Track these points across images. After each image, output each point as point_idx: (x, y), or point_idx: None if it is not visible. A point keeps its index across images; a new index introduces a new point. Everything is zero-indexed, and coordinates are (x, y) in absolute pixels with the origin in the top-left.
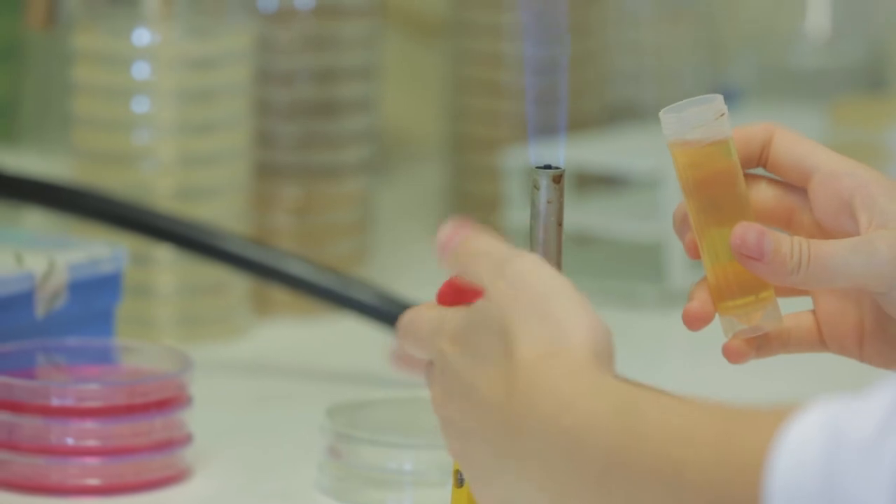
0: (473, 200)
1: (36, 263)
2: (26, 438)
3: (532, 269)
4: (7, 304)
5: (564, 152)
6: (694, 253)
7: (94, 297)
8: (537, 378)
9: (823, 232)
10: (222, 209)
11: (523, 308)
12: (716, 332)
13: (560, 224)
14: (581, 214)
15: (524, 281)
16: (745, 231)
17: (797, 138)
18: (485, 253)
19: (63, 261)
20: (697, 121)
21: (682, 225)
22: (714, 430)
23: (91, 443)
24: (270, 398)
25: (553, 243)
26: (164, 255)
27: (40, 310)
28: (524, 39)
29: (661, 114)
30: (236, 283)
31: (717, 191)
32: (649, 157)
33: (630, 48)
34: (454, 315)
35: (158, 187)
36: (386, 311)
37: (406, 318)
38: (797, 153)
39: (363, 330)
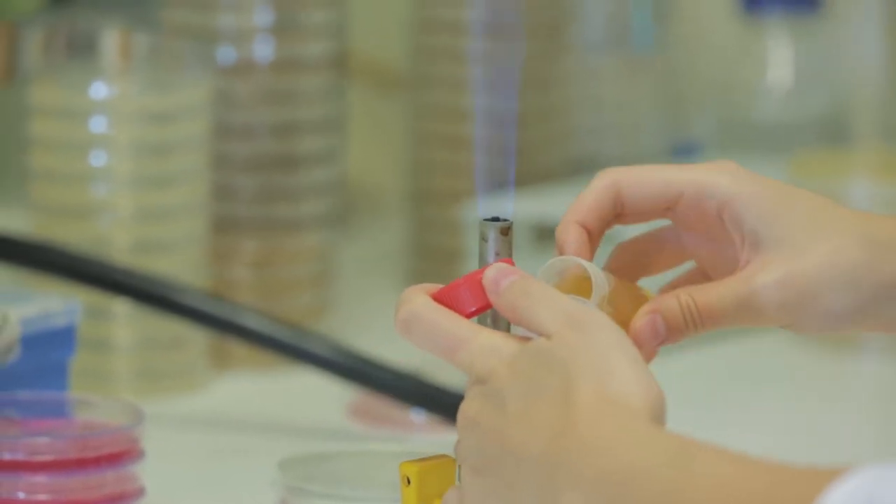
0: (436, 253)
1: None
2: None
3: (602, 325)
4: None
5: (513, 205)
6: None
7: (48, 350)
8: (594, 419)
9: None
10: (180, 263)
11: (589, 359)
12: (674, 387)
13: None
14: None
15: (594, 335)
16: (639, 334)
17: (645, 177)
18: (547, 299)
19: (16, 315)
20: None
21: None
22: (761, 489)
23: (42, 497)
24: (226, 452)
25: None
26: (122, 308)
27: None
28: (481, 92)
29: None
30: (195, 338)
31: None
32: None
33: (592, 102)
34: (512, 344)
35: (116, 241)
36: (342, 365)
37: (455, 330)
38: (652, 191)
39: (322, 383)
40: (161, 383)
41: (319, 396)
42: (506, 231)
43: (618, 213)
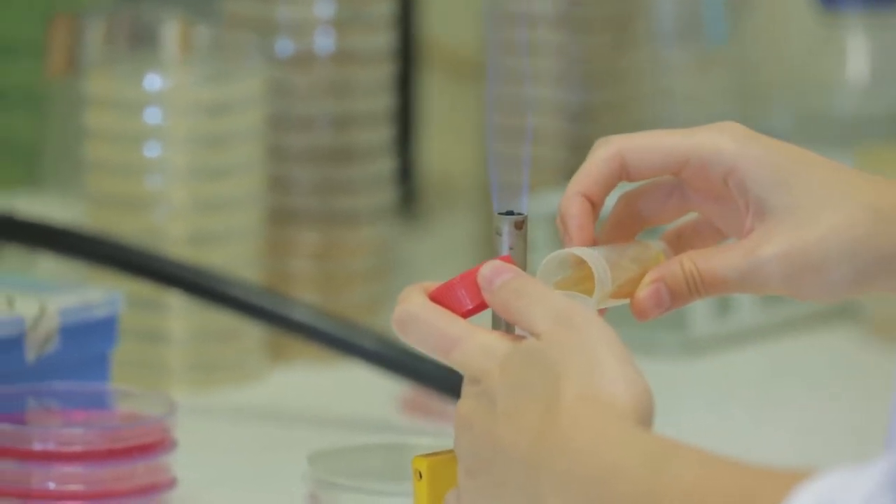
0: None
1: (27, 307)
2: (7, 482)
3: (593, 322)
4: None
5: (528, 198)
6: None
7: (88, 341)
8: (577, 418)
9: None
10: (235, 255)
11: (577, 357)
12: (737, 383)
13: (524, 270)
14: None
15: (583, 333)
16: (641, 305)
17: (649, 145)
18: (539, 297)
19: (54, 305)
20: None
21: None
22: (734, 492)
23: (73, 487)
24: (277, 445)
25: None
26: (177, 300)
27: (31, 354)
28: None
29: None
30: (250, 330)
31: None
32: None
33: (664, 95)
34: (506, 343)
35: (171, 232)
36: (390, 358)
37: (450, 330)
38: (657, 159)
39: (375, 377)
40: (215, 375)
41: (372, 389)
42: (520, 225)
43: (622, 180)
